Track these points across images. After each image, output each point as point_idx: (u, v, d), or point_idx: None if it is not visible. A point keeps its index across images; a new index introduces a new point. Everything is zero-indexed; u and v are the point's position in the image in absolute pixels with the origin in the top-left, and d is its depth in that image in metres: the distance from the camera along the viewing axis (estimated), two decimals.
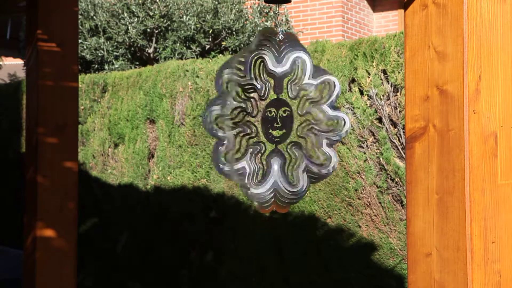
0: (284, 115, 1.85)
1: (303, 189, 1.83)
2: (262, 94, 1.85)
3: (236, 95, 1.83)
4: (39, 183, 2.83)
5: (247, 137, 1.84)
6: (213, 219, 5.27)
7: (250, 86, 1.85)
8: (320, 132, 1.82)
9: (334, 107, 1.83)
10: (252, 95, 1.85)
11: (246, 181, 1.82)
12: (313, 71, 1.84)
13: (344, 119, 1.82)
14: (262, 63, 1.85)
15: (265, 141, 1.85)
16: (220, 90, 1.83)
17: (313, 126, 1.83)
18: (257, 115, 1.86)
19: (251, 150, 1.83)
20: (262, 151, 1.84)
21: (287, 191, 1.83)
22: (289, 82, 1.85)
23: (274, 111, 1.85)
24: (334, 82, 1.82)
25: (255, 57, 1.84)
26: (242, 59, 1.83)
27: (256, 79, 1.84)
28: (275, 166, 1.84)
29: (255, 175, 1.83)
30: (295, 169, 1.84)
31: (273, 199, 1.82)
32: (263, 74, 1.84)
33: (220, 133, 1.82)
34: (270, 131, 1.84)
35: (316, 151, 1.82)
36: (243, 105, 1.84)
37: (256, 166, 1.84)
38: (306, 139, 1.83)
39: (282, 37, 1.83)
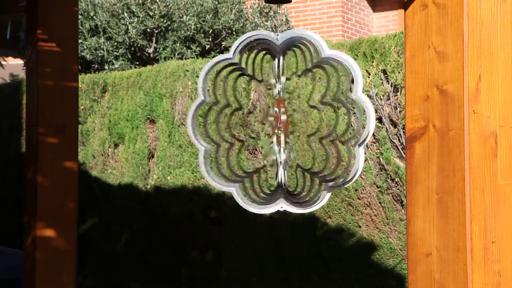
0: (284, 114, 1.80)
1: (322, 203, 1.67)
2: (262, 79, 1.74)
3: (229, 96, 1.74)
4: (39, 183, 2.83)
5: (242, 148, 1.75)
6: (213, 219, 5.27)
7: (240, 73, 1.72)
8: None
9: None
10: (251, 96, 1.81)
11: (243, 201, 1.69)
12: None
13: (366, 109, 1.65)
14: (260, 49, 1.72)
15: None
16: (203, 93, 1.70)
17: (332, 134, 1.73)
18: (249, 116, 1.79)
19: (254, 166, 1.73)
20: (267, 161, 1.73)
21: (298, 209, 1.68)
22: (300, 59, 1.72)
23: (277, 112, 1.76)
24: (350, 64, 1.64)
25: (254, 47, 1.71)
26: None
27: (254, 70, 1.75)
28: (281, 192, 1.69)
29: (256, 192, 1.71)
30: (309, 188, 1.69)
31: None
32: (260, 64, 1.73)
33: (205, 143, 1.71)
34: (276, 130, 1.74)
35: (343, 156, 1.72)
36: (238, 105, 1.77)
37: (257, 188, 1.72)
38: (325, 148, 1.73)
39: (279, 39, 1.71)
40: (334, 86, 1.74)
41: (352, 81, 1.72)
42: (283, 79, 1.73)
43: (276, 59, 1.72)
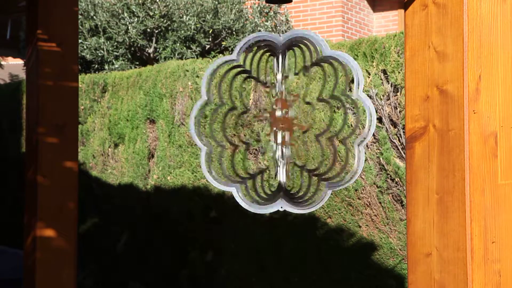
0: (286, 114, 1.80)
1: (322, 203, 1.68)
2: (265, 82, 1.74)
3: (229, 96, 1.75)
4: (39, 183, 2.83)
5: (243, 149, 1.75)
6: (213, 219, 5.27)
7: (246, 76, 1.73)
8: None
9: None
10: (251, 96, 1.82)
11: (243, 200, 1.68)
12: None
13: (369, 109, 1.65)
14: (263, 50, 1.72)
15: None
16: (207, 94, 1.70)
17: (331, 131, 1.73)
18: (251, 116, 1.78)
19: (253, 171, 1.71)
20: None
21: (297, 209, 1.69)
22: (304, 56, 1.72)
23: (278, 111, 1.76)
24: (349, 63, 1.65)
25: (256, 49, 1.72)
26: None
27: (258, 71, 1.75)
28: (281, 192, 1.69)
29: (256, 191, 1.71)
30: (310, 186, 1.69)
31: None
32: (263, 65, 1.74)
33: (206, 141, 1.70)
34: (277, 131, 1.73)
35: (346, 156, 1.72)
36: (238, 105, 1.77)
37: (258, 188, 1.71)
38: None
39: (281, 39, 1.71)
40: (333, 85, 1.75)
41: (352, 81, 1.72)
42: (282, 76, 1.73)
43: (277, 58, 1.72)
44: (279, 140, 1.73)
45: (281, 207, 1.68)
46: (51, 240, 2.84)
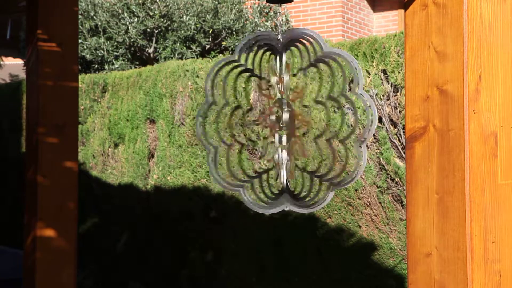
0: (287, 114, 1.80)
1: (324, 203, 1.69)
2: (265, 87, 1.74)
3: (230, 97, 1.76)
4: (39, 183, 2.83)
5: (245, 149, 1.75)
6: (213, 219, 5.27)
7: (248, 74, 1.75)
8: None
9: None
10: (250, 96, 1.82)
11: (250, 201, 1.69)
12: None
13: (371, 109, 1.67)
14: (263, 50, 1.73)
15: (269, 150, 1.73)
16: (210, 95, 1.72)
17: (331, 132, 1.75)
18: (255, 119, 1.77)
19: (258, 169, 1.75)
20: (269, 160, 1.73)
21: (302, 209, 1.70)
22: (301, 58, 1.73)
23: (279, 111, 1.77)
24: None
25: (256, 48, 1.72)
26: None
27: (257, 70, 1.76)
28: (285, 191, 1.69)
29: (262, 192, 1.71)
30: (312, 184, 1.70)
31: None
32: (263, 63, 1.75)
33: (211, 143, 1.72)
34: (275, 132, 1.74)
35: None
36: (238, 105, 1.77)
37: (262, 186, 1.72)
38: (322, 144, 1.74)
39: (281, 39, 1.72)
40: (332, 84, 1.75)
41: (352, 81, 1.73)
42: (282, 76, 1.73)
43: (277, 57, 1.72)
44: (280, 140, 1.73)
45: (286, 207, 1.68)
46: (51, 240, 2.85)
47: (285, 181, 1.71)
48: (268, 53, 1.75)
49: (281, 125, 1.72)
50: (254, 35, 1.71)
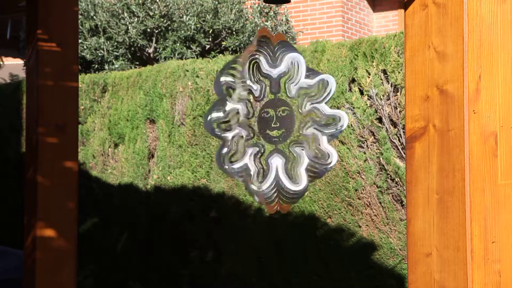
0: (283, 114, 1.88)
1: (305, 187, 1.87)
2: (258, 95, 1.90)
3: (234, 98, 1.86)
4: (39, 183, 2.83)
5: (244, 139, 1.89)
6: (213, 219, 5.27)
7: (247, 89, 1.90)
8: (319, 130, 1.86)
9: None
10: (249, 97, 1.90)
11: (247, 180, 1.87)
12: (307, 72, 1.89)
13: (340, 117, 1.86)
14: (256, 65, 1.90)
15: (264, 143, 1.89)
16: (219, 94, 1.89)
17: (314, 124, 1.86)
18: (253, 117, 1.92)
19: (251, 151, 1.88)
20: (262, 152, 1.88)
21: (289, 190, 1.86)
22: (287, 81, 1.90)
23: (271, 112, 1.88)
24: (328, 81, 1.86)
25: (251, 61, 1.90)
26: (239, 65, 1.88)
27: (252, 81, 1.89)
28: (276, 165, 1.87)
29: (256, 175, 1.88)
30: (297, 167, 1.86)
31: (276, 197, 1.86)
32: (258, 76, 1.89)
33: (221, 134, 1.89)
34: (268, 131, 1.88)
35: (317, 148, 1.86)
36: (239, 107, 1.88)
37: (256, 166, 1.88)
38: (308, 137, 1.86)
39: (274, 35, 1.90)
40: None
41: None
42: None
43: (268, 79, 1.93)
44: (273, 140, 1.92)
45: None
46: (51, 240, 2.85)
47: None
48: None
49: (274, 125, 1.87)
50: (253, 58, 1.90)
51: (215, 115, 1.88)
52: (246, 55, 1.89)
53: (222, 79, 1.88)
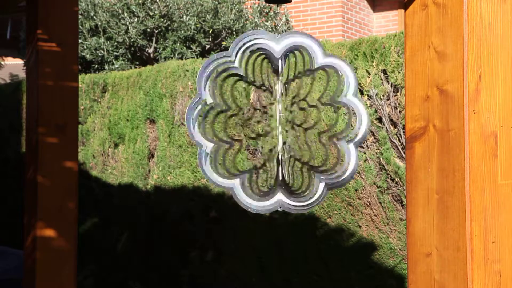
0: (277, 116, 1.85)
1: (319, 199, 1.71)
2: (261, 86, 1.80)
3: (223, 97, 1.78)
4: (39, 183, 2.83)
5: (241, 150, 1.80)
6: (213, 219, 5.27)
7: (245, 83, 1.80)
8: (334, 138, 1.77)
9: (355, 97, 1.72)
10: (250, 97, 1.86)
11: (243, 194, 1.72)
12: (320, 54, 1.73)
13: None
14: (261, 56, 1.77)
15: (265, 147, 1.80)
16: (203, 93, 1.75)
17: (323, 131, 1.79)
18: (250, 119, 1.84)
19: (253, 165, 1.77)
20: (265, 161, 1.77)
21: (295, 206, 1.73)
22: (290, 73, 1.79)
23: (267, 111, 1.83)
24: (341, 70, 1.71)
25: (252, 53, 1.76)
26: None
27: (255, 77, 1.81)
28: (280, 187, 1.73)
29: (255, 186, 1.75)
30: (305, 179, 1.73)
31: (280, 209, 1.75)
32: (263, 71, 1.79)
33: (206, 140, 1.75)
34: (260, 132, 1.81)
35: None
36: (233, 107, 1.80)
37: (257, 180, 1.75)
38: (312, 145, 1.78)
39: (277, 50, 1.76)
40: (324, 89, 1.79)
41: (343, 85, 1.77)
42: (279, 82, 1.77)
43: (274, 64, 1.77)
44: (280, 140, 1.78)
45: (280, 207, 1.70)
46: (51, 240, 2.85)
47: (285, 177, 1.74)
48: (262, 56, 1.77)
49: (278, 124, 1.78)
50: (252, 42, 1.73)
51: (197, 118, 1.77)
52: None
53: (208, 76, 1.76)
